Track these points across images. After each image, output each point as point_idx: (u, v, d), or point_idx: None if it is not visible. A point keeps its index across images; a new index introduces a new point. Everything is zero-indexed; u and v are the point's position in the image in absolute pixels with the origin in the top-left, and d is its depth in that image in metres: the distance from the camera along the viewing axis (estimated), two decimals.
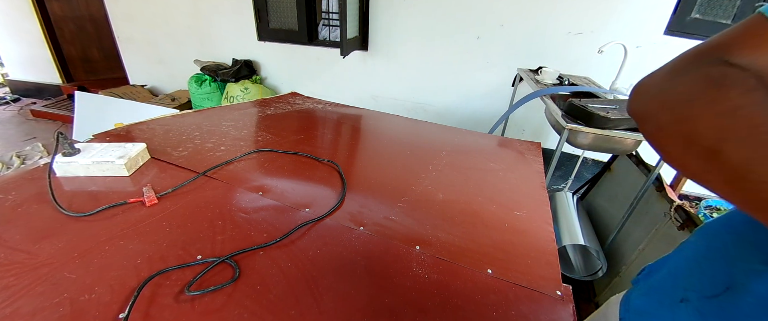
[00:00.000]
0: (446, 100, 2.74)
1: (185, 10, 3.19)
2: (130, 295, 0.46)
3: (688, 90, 0.30)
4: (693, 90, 0.30)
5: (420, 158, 1.01)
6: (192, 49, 3.36)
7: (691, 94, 0.30)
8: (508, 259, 0.62)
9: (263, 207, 0.70)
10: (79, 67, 4.13)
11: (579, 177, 2.41)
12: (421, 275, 0.56)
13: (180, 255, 0.55)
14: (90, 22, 3.95)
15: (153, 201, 0.67)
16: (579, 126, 1.32)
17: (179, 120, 1.12)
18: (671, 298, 0.46)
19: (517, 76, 2.26)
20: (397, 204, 0.76)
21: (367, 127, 1.30)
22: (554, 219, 0.76)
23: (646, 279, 0.55)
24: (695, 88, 0.30)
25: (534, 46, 2.31)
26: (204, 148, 0.93)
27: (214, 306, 0.47)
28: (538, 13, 2.22)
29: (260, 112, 1.29)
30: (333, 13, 2.80)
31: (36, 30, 3.74)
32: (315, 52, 2.97)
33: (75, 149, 0.76)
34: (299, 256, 0.58)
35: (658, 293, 0.49)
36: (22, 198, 0.66)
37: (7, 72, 4.17)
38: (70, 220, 0.61)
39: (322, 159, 0.93)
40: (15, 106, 3.83)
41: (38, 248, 0.54)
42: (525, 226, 0.72)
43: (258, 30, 3.04)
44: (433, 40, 2.56)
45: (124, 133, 0.98)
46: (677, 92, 0.31)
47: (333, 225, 0.67)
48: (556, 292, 0.55)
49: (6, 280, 0.48)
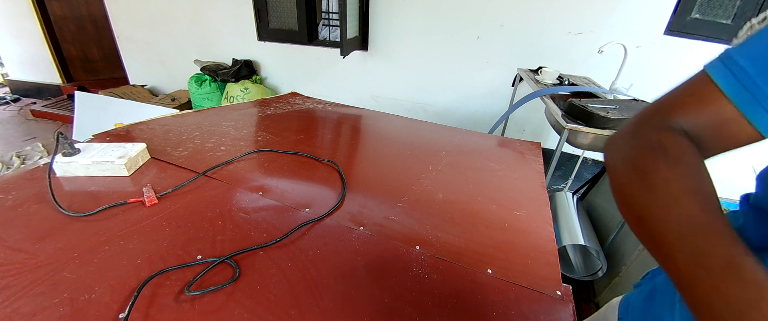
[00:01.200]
0: (446, 100, 2.74)
1: (185, 10, 3.19)
2: (130, 295, 0.46)
3: (630, 156, 0.33)
4: (634, 157, 0.33)
5: (420, 158, 1.01)
6: (192, 49, 3.36)
7: (631, 161, 0.33)
8: (508, 259, 0.62)
9: (263, 207, 0.70)
10: (79, 67, 4.13)
11: (579, 177, 2.41)
12: (421, 275, 0.56)
13: (180, 255, 0.55)
14: (90, 22, 3.95)
15: (153, 201, 0.67)
16: (579, 126, 1.32)
17: (179, 120, 1.12)
18: (671, 299, 0.46)
19: (517, 76, 2.26)
20: (397, 204, 0.76)
21: (367, 127, 1.30)
22: (554, 219, 0.76)
23: (649, 282, 0.54)
24: (635, 155, 0.33)
25: (534, 46, 2.31)
26: (204, 148, 0.93)
27: (214, 306, 0.47)
28: (538, 13, 2.22)
29: (260, 112, 1.29)
30: (333, 13, 2.80)
31: (36, 30, 3.74)
32: (315, 52, 2.97)
33: (75, 149, 0.76)
34: (299, 256, 0.58)
35: (659, 295, 0.49)
36: (23, 198, 0.66)
37: (7, 72, 4.17)
38: (70, 220, 0.61)
39: (322, 159, 0.93)
40: (15, 106, 3.83)
41: (38, 248, 0.54)
42: (525, 226, 0.72)
43: (258, 30, 3.04)
44: (433, 40, 2.56)
45: (124, 133, 0.98)
46: (624, 157, 0.34)
47: (333, 225, 0.67)
48: (556, 292, 0.55)
49: (6, 280, 0.48)
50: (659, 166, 0.30)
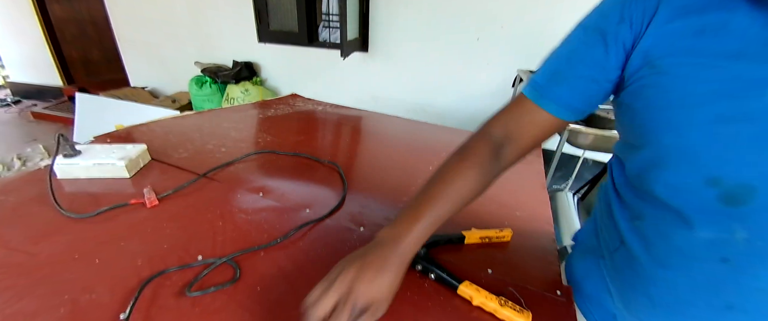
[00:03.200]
0: (446, 101, 2.74)
1: (186, 12, 3.20)
2: (130, 295, 0.47)
3: (462, 143, 0.53)
4: (462, 144, 0.53)
5: (420, 159, 1.01)
6: (192, 51, 3.36)
7: (460, 146, 0.53)
8: (508, 259, 0.62)
9: (264, 208, 0.70)
10: (80, 69, 4.14)
11: (579, 177, 2.41)
12: (421, 275, 0.56)
13: (181, 256, 0.55)
14: (91, 24, 3.96)
15: (154, 202, 0.67)
16: (579, 126, 1.32)
17: (180, 122, 1.12)
18: (596, 255, 0.56)
19: (517, 77, 2.26)
20: (398, 205, 0.76)
21: (368, 128, 1.31)
22: (554, 219, 0.76)
23: (577, 243, 0.66)
24: (463, 143, 0.53)
25: (534, 47, 2.32)
26: (204, 150, 0.93)
27: (214, 306, 0.47)
28: (538, 13, 2.23)
29: (260, 113, 1.29)
30: (333, 15, 2.81)
31: (37, 32, 3.75)
32: (315, 54, 2.97)
33: (76, 151, 0.77)
34: (300, 256, 0.58)
35: (590, 253, 0.58)
36: (23, 199, 0.66)
37: (8, 74, 4.18)
38: (70, 221, 0.61)
39: (323, 160, 0.93)
40: (16, 108, 3.84)
41: (39, 249, 0.54)
42: (525, 226, 0.72)
43: (258, 32, 3.04)
44: (433, 42, 2.56)
45: (125, 134, 0.98)
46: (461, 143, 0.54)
47: (333, 226, 0.67)
48: (556, 292, 0.55)
49: (7, 281, 0.48)
50: (454, 154, 0.51)
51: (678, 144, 0.37)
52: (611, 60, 0.42)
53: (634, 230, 0.46)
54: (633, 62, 0.41)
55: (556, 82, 0.47)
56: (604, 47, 0.42)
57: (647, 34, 0.39)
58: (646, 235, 0.44)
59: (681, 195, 0.39)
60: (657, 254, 0.43)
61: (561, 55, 0.48)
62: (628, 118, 0.44)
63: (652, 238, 0.44)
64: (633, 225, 0.46)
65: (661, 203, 0.41)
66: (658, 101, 0.38)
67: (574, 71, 0.46)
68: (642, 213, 0.45)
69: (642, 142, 0.42)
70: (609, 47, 0.42)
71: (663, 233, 0.42)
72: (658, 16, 0.38)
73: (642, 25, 0.39)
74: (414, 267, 0.56)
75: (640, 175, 0.43)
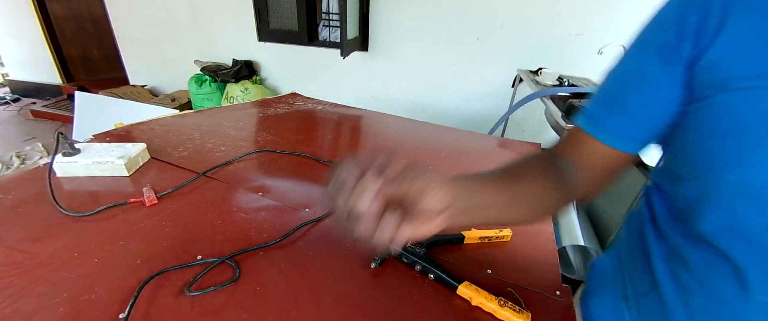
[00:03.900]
0: (446, 101, 2.74)
1: (185, 10, 3.19)
2: (130, 295, 0.46)
3: None
4: None
5: (420, 159, 1.01)
6: (192, 50, 3.36)
7: None
8: (508, 259, 0.62)
9: (263, 207, 0.70)
10: (79, 67, 4.13)
11: None
12: (421, 275, 0.56)
13: (180, 255, 0.55)
14: (90, 22, 3.96)
15: (153, 201, 0.67)
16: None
17: (179, 120, 1.12)
18: (617, 295, 0.49)
19: (517, 77, 2.26)
20: None
21: (367, 127, 1.31)
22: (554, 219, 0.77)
23: (595, 275, 0.58)
24: None
25: (534, 47, 2.32)
26: (204, 149, 0.93)
27: (214, 306, 0.47)
28: (538, 13, 2.22)
29: (260, 112, 1.29)
30: (333, 14, 2.81)
31: (36, 30, 3.74)
32: (315, 53, 2.97)
33: (75, 149, 0.76)
34: (299, 256, 0.58)
35: (610, 291, 0.51)
36: (22, 198, 0.66)
37: (8, 72, 4.18)
38: (70, 220, 0.61)
39: (323, 159, 0.93)
40: (15, 106, 3.83)
41: (38, 248, 0.54)
42: (525, 226, 0.72)
43: (258, 30, 3.04)
44: (433, 41, 2.56)
45: (124, 133, 0.98)
46: None
47: (333, 225, 0.67)
48: (556, 293, 0.55)
49: (6, 280, 0.48)
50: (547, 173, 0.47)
51: (741, 179, 0.31)
52: (672, 78, 0.36)
53: (672, 275, 0.39)
54: (697, 79, 0.34)
55: (610, 112, 0.41)
56: (663, 65, 0.36)
57: (716, 44, 0.32)
58: (686, 285, 0.37)
59: (736, 242, 0.32)
60: (697, 311, 0.36)
61: (614, 78, 0.42)
62: (679, 144, 0.37)
63: (694, 289, 0.36)
64: (671, 268, 0.39)
65: (712, 248, 0.34)
66: (723, 128, 0.31)
67: (630, 97, 0.39)
68: (686, 256, 0.37)
69: (694, 173, 0.35)
70: (668, 65, 0.35)
71: (708, 286, 0.35)
72: (730, 25, 0.31)
73: (708, 35, 0.32)
74: (413, 267, 0.56)
75: (690, 209, 0.36)
